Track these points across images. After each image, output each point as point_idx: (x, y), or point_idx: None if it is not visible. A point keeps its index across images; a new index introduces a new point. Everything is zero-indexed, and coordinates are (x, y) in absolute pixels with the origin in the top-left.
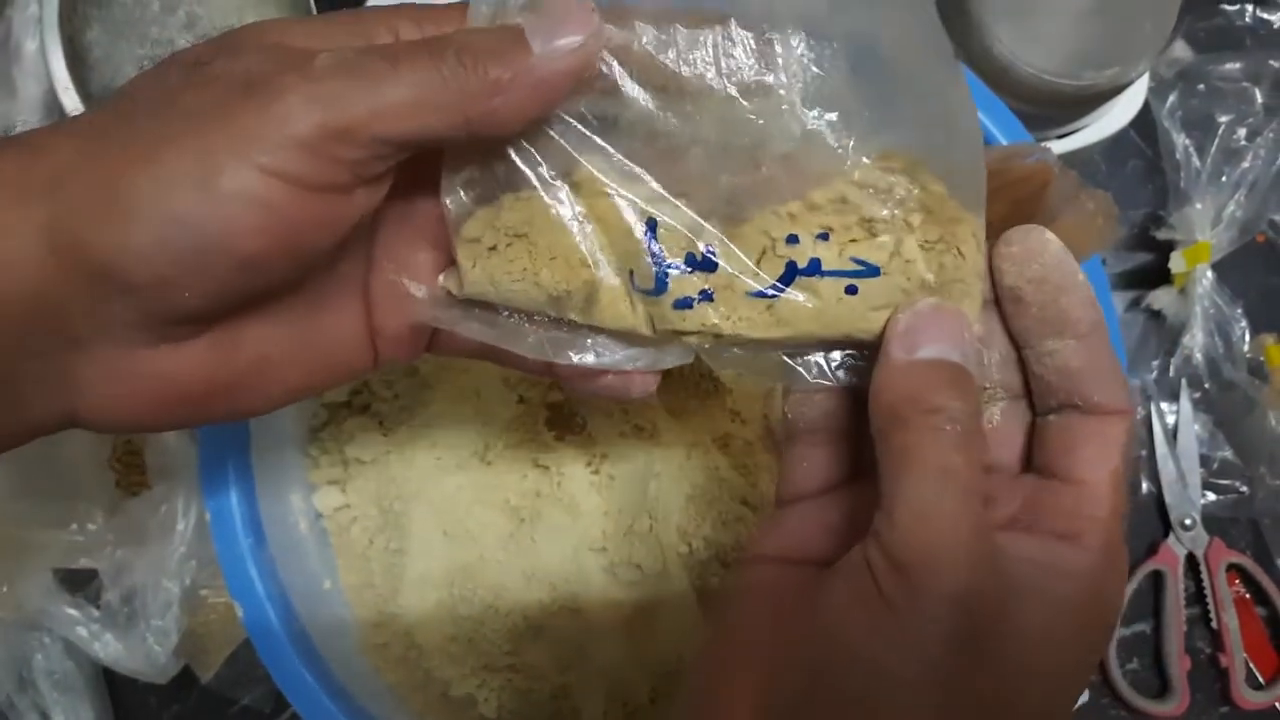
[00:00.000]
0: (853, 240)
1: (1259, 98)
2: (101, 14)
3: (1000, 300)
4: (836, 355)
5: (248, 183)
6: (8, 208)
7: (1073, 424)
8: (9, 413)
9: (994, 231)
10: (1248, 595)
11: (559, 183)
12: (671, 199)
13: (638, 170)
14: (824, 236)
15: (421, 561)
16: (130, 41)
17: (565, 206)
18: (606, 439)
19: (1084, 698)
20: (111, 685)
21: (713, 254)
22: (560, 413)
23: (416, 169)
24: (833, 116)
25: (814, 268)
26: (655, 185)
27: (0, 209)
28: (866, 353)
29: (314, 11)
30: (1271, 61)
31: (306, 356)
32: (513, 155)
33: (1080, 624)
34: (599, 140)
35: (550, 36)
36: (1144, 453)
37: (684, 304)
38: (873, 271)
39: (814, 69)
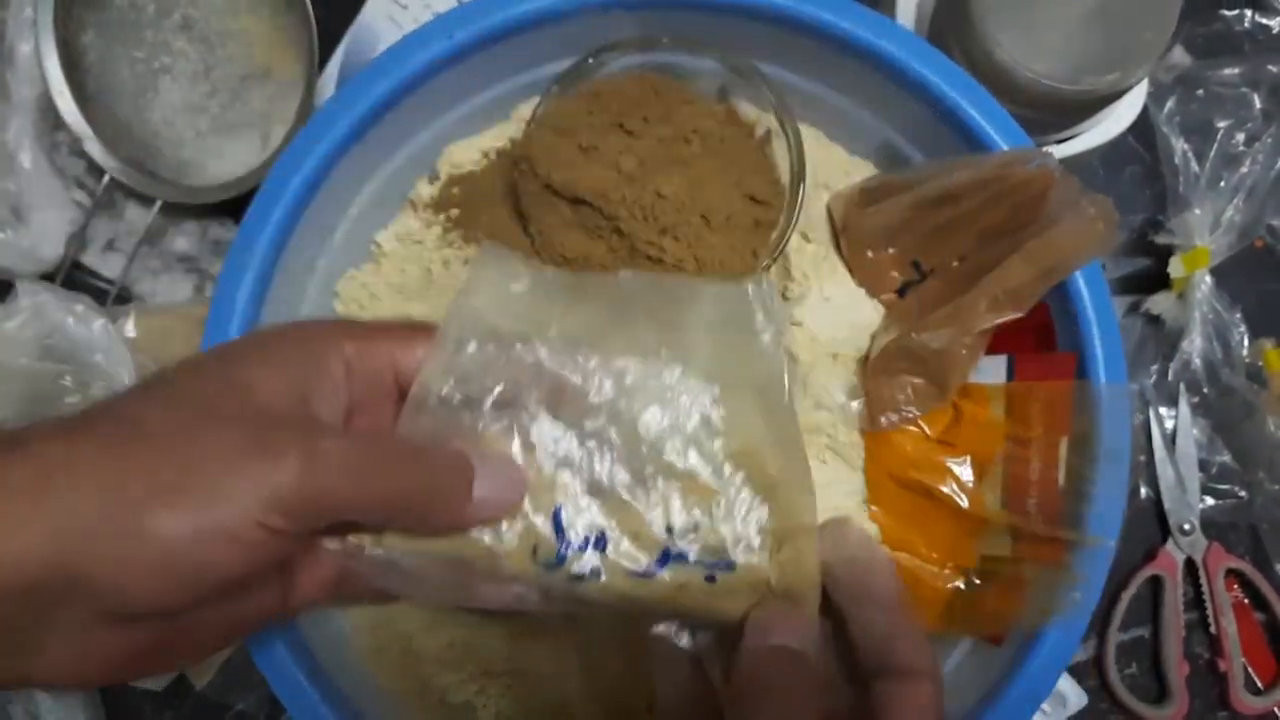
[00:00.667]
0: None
1: (1257, 103)
2: (97, 17)
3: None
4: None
5: (243, 530)
6: (17, 517)
7: (881, 687)
8: None
9: (997, 234)
10: (1246, 600)
11: None
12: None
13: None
14: (695, 529)
15: None
16: (126, 45)
17: None
18: None
19: (1083, 702)
20: (105, 691)
21: (604, 539)
22: None
23: None
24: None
25: (682, 557)
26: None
27: (10, 517)
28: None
29: (308, 6)
30: (1270, 67)
31: (230, 622)
32: None
33: None
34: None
35: (490, 493)
36: (1142, 458)
37: (577, 577)
38: (729, 566)
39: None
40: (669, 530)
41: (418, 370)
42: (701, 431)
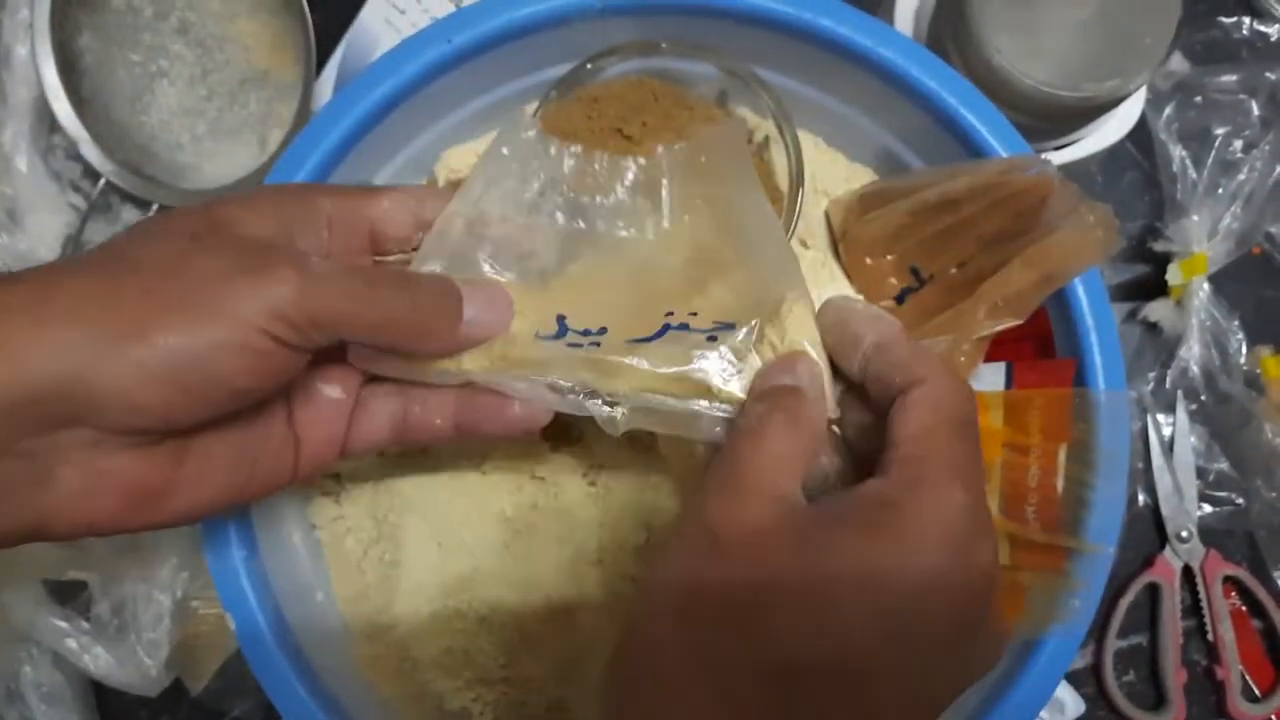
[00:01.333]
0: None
1: (1255, 110)
2: (93, 20)
3: (833, 354)
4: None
5: (254, 339)
6: (23, 330)
7: (893, 409)
8: None
9: (997, 241)
10: (1244, 608)
11: None
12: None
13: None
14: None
15: (416, 573)
16: (122, 47)
17: None
18: (603, 450)
19: (1081, 709)
20: (100, 698)
21: (605, 330)
22: (556, 423)
23: None
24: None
25: (683, 327)
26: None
27: (15, 331)
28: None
29: (306, 10)
30: (1268, 74)
31: (240, 467)
32: None
33: (905, 547)
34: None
35: (479, 314)
36: (1140, 465)
37: (575, 344)
38: (730, 326)
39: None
40: (669, 314)
41: (387, 222)
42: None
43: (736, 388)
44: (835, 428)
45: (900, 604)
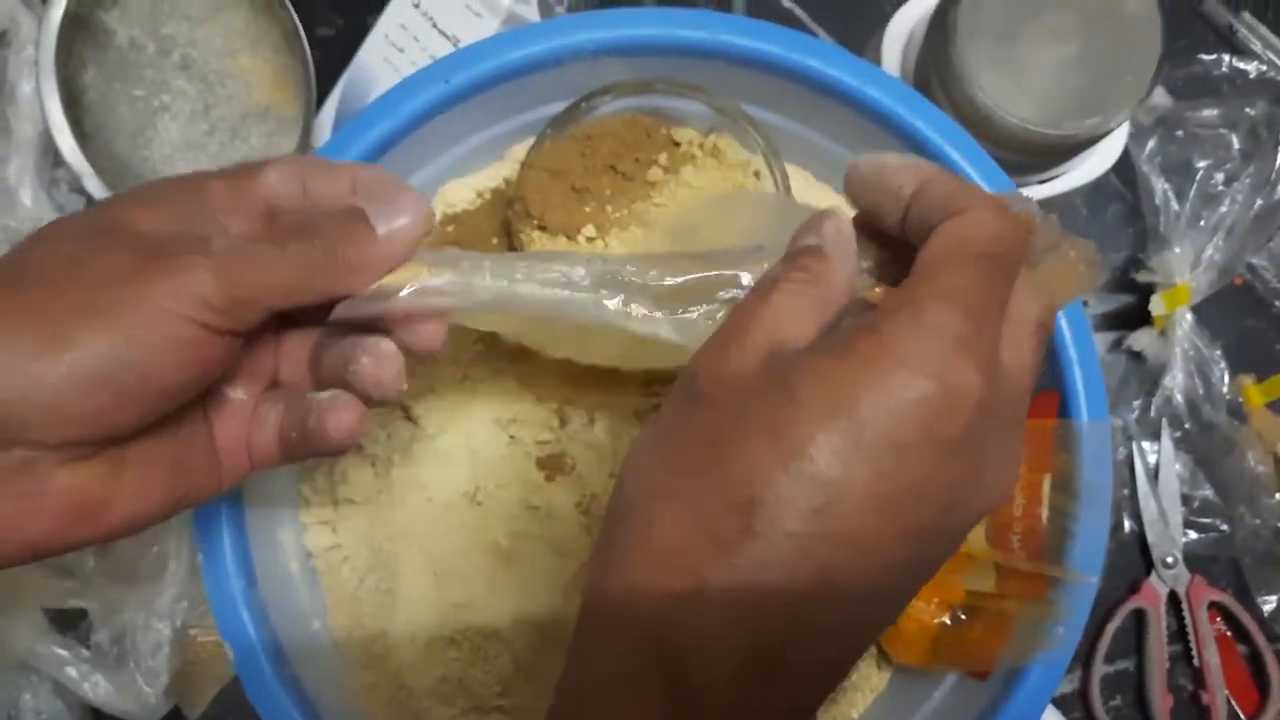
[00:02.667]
0: None
1: (1236, 144)
2: (97, 56)
3: (873, 217)
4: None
5: (176, 330)
6: None
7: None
8: None
9: None
10: (1229, 633)
11: None
12: None
13: None
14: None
15: (411, 602)
16: (125, 83)
17: None
18: (596, 479)
19: None
20: None
21: None
22: (550, 453)
23: None
24: None
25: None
26: None
27: None
28: None
29: (306, 46)
30: (1247, 109)
31: (174, 474)
32: None
33: (894, 378)
34: None
35: (389, 220)
36: (1126, 492)
37: None
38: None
39: None
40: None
41: (278, 196)
42: None
43: None
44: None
45: (866, 429)
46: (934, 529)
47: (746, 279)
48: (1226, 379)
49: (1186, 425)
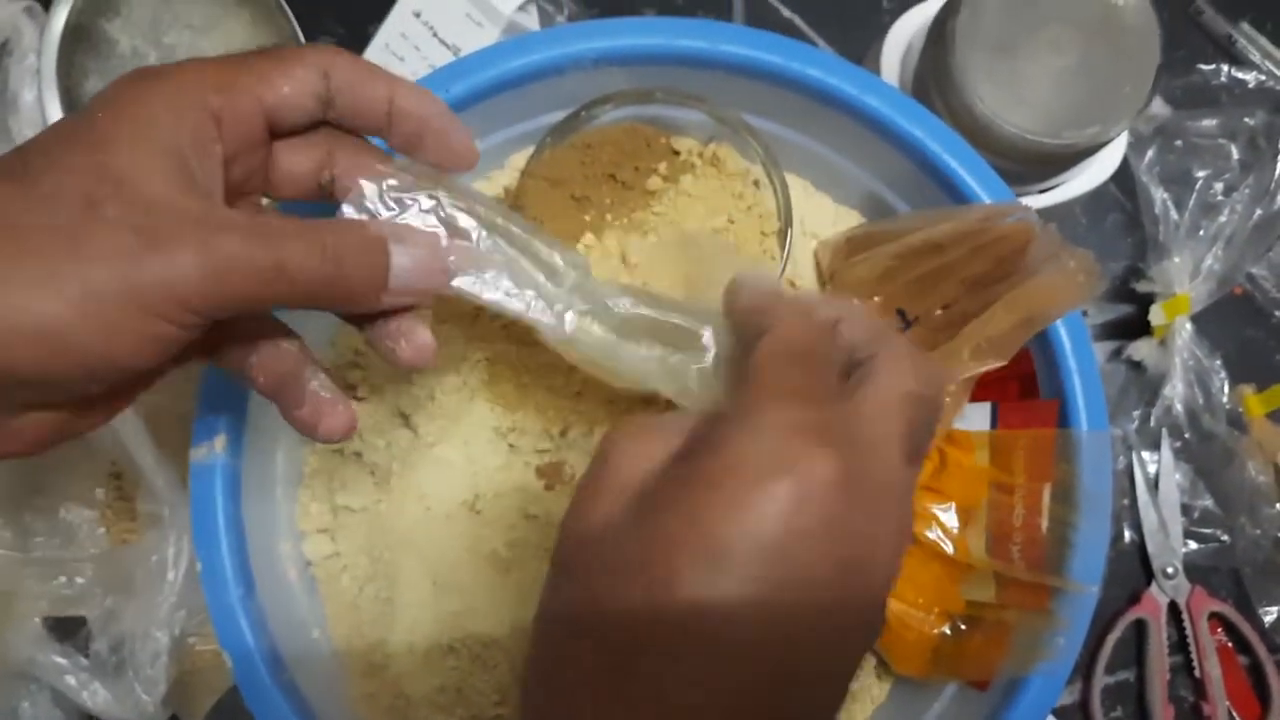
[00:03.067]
0: None
1: (1234, 153)
2: (99, 65)
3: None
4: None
5: (148, 326)
6: None
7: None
8: None
9: (981, 284)
10: (1230, 644)
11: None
12: None
13: None
14: None
15: (410, 611)
16: None
17: None
18: None
19: None
20: None
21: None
22: (550, 462)
23: None
24: None
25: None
26: None
27: None
28: None
29: (299, 35)
30: (1246, 119)
31: (139, 396)
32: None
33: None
34: None
35: (410, 263)
36: (1126, 502)
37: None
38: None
39: None
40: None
41: (282, 103)
42: None
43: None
44: None
45: (734, 552)
46: (834, 618)
47: (707, 337)
48: (1226, 389)
49: (1186, 435)
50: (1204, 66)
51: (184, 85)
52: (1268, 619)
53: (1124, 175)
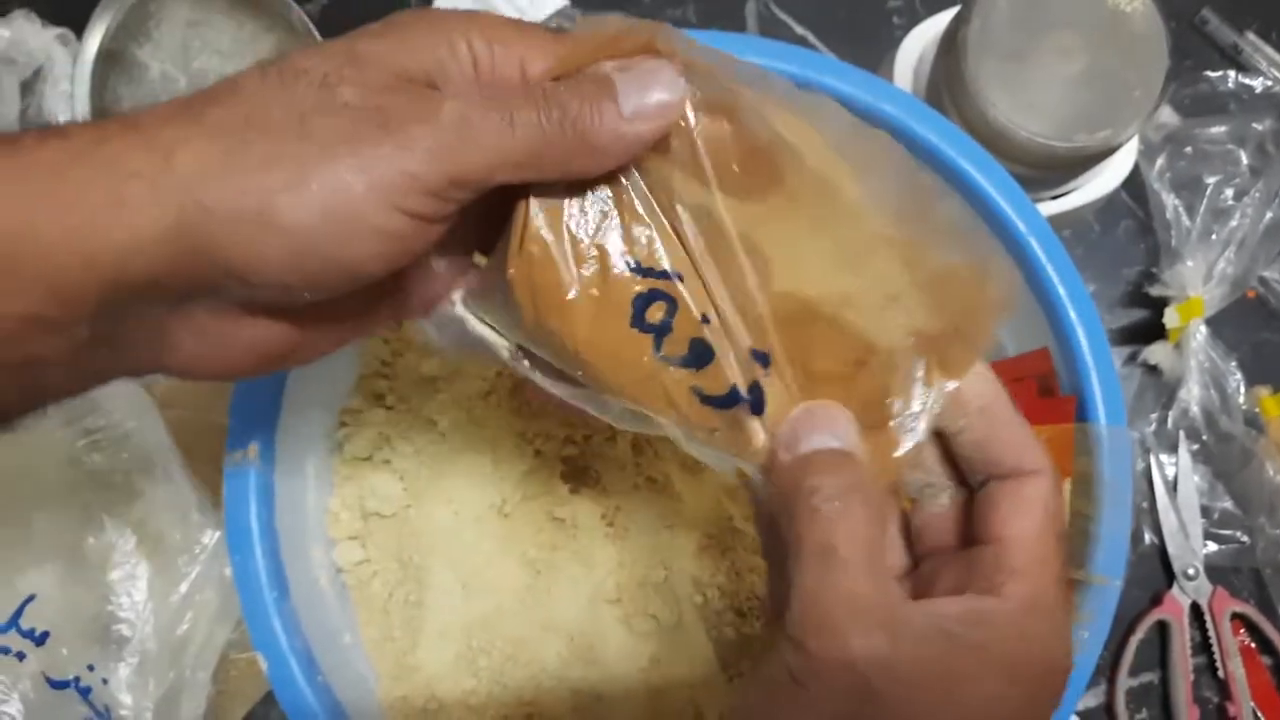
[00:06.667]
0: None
1: (1244, 159)
2: (131, 90)
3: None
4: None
5: (381, 220)
6: (143, 201)
7: (992, 491)
8: (109, 363)
9: None
10: (1252, 644)
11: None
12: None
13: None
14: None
15: (440, 614)
16: None
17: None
18: (620, 491)
19: None
20: None
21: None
22: (575, 466)
23: None
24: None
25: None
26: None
27: (136, 201)
28: None
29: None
30: (1255, 125)
31: (357, 323)
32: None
33: (1009, 674)
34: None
35: (640, 97)
36: (1145, 505)
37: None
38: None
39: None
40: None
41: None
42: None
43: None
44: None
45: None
46: None
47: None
48: (1242, 390)
49: (1204, 437)
50: (1211, 74)
51: (455, 17)
52: None
53: (1135, 183)
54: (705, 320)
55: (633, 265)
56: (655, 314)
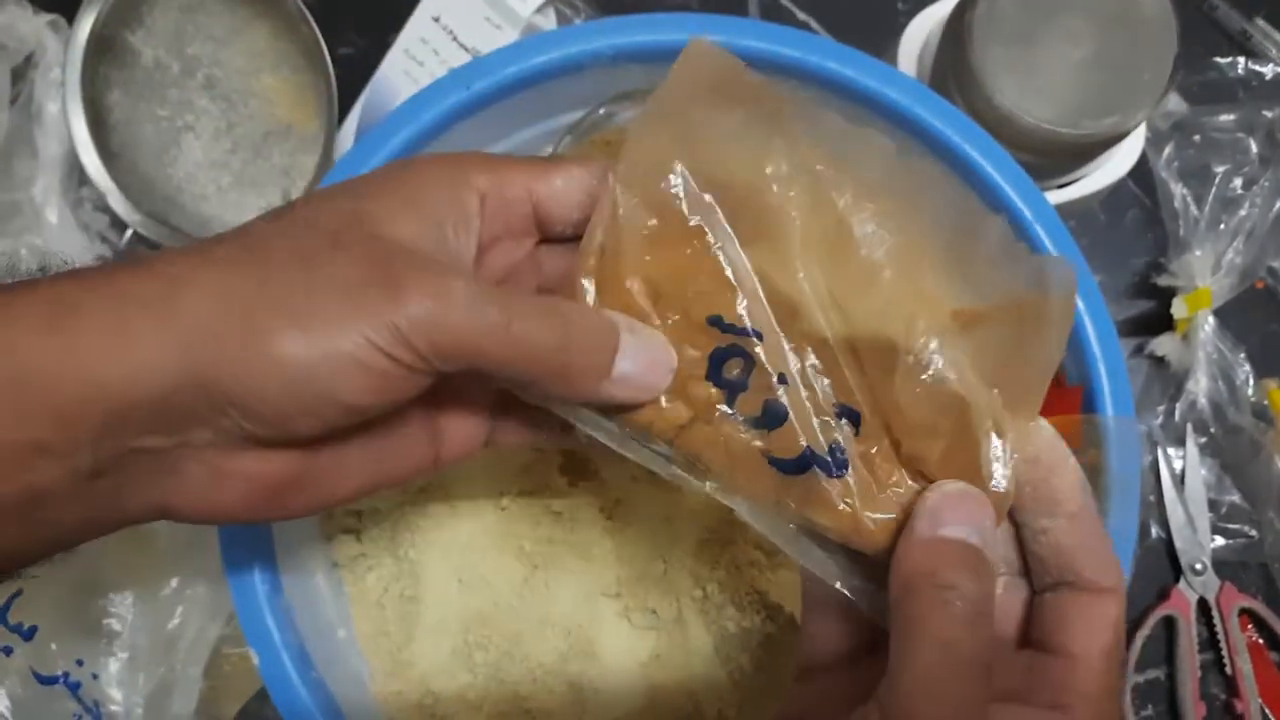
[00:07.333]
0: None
1: (1253, 148)
2: (122, 76)
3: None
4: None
5: (371, 359)
6: (148, 329)
7: (1065, 600)
8: (112, 501)
9: None
10: (1260, 640)
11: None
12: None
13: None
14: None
15: (437, 609)
16: (150, 103)
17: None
18: (619, 484)
19: None
20: None
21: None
22: (573, 459)
23: None
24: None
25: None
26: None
27: (134, 328)
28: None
29: (329, 64)
30: (1264, 112)
31: (376, 459)
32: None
33: None
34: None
35: (633, 369)
36: (1152, 498)
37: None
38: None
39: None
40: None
41: (555, 202)
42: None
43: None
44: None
45: None
46: None
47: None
48: (1251, 382)
49: (1212, 430)
50: (1220, 61)
51: (454, 162)
52: None
53: (1142, 172)
54: (783, 380)
55: (712, 319)
56: (732, 370)
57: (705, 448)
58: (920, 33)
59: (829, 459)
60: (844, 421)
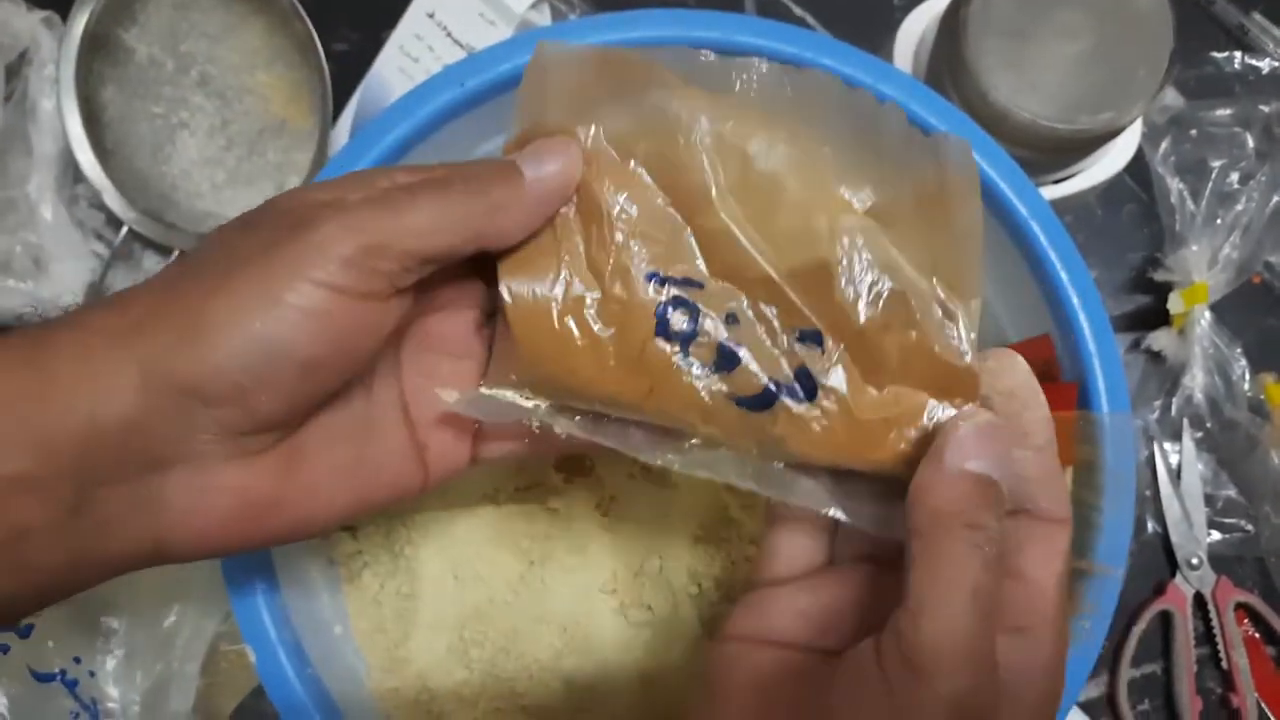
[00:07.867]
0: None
1: (1250, 142)
2: (117, 73)
3: None
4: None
5: (304, 296)
6: (103, 350)
7: (1021, 528)
8: (98, 542)
9: None
10: (1256, 634)
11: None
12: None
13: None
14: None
15: (432, 605)
16: (144, 100)
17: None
18: (615, 481)
19: None
20: None
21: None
22: (568, 456)
23: (424, 293)
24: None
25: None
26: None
27: (97, 352)
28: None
29: (323, 61)
30: (1261, 107)
31: (358, 475)
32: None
33: (1040, 714)
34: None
35: (537, 164)
36: (1148, 493)
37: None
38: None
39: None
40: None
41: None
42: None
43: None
44: None
45: None
46: None
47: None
48: (1247, 377)
49: (1208, 425)
50: (1216, 55)
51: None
52: None
53: (1139, 166)
54: (732, 319)
55: (649, 275)
56: (680, 322)
57: (674, 405)
58: (916, 28)
59: (796, 385)
60: (807, 344)
